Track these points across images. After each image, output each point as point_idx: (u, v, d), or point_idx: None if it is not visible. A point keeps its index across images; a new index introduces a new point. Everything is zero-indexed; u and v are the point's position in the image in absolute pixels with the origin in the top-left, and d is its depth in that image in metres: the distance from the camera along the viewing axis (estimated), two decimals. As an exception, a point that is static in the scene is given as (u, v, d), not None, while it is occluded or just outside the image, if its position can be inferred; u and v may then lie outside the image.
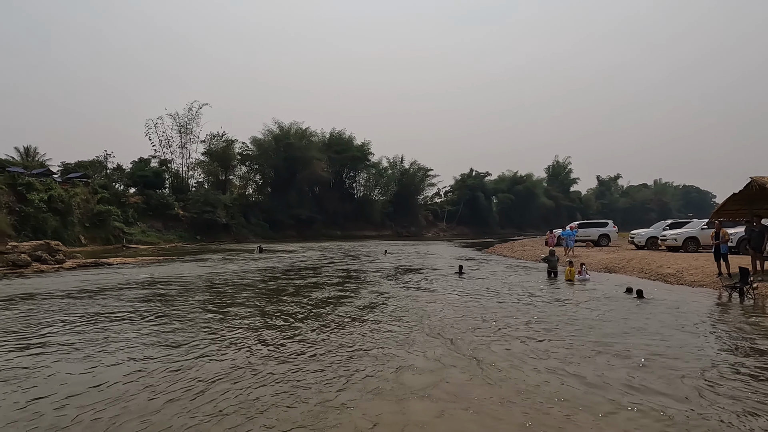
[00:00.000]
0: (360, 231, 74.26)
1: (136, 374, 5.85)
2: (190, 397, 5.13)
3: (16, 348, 7.19)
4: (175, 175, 63.95)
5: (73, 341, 7.55)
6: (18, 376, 5.82)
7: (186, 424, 4.48)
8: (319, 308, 10.76)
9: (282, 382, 5.62)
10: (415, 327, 8.64)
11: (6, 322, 9.15)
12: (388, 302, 11.57)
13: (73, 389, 5.33)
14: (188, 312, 10.26)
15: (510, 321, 9.09)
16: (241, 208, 63.25)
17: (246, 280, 16.44)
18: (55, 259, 21.87)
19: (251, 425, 4.43)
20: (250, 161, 72.16)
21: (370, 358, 6.67)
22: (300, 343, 7.54)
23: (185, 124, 64.29)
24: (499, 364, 6.25)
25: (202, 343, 7.54)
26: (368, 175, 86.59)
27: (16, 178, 37.59)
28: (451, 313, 10.00)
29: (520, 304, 11.00)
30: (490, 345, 7.30)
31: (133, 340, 7.69)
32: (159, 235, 49.42)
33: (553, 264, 16.35)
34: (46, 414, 4.63)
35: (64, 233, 37.52)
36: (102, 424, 4.40)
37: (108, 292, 13.22)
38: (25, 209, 35.69)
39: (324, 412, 4.70)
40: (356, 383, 5.57)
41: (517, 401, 4.95)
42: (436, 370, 6.05)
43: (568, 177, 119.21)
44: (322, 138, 78.78)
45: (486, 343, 7.45)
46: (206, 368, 6.21)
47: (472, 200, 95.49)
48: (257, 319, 9.46)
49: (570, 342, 7.48)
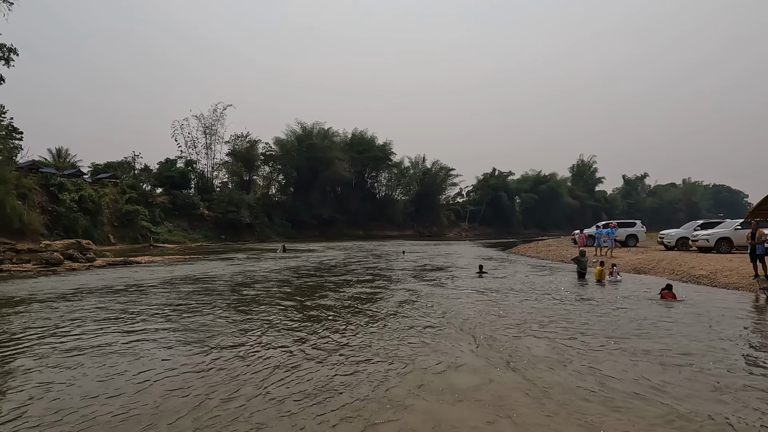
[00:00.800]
0: (382, 231, 74.25)
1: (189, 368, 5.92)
2: (256, 384, 5.21)
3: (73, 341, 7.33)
4: (200, 175, 65.00)
5: (135, 336, 7.67)
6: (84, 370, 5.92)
7: (251, 408, 4.65)
8: (354, 305, 10.94)
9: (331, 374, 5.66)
10: (446, 324, 8.56)
11: (59, 316, 9.36)
12: (418, 300, 11.62)
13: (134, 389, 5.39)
14: (239, 307, 10.52)
15: (544, 321, 8.83)
16: (264, 207, 63.94)
17: (281, 277, 16.81)
18: (86, 257, 22.37)
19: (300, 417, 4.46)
20: (273, 161, 72.91)
21: (407, 354, 6.60)
22: (339, 336, 7.68)
23: (210, 125, 65.62)
24: (540, 366, 6.03)
25: (257, 335, 7.89)
26: (390, 174, 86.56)
27: (49, 178, 38.67)
28: (482, 312, 9.82)
29: (550, 304, 10.70)
30: (530, 348, 7.07)
31: (189, 334, 7.86)
32: (185, 235, 50.28)
33: (582, 265, 15.94)
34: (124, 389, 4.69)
35: (94, 232, 38.46)
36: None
37: (146, 289, 13.43)
38: (57, 209, 36.70)
39: (372, 410, 4.68)
40: (400, 380, 5.49)
41: (560, 404, 4.78)
42: (479, 370, 5.90)
43: (593, 176, 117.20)
44: (344, 138, 79.22)
45: (525, 344, 7.22)
46: (259, 360, 6.50)
47: (494, 200, 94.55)
48: (296, 314, 9.68)
49: (608, 345, 7.19)
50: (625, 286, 13.91)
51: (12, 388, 5.43)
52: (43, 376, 5.79)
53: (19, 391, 5.28)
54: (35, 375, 5.82)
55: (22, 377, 5.80)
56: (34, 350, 7.04)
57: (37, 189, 36.30)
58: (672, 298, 11.20)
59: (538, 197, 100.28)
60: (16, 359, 6.63)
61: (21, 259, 20.73)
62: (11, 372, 6.06)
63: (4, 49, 31.45)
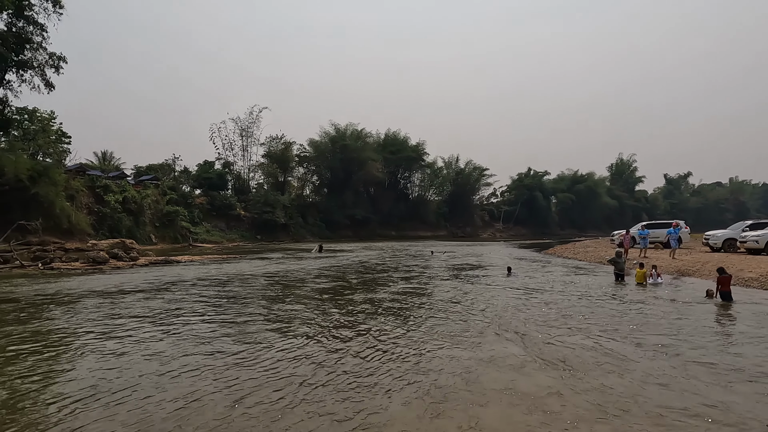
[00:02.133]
0: (414, 231, 74.09)
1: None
2: (308, 377, 5.27)
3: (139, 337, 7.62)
4: (236, 176, 66.45)
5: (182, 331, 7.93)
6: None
7: (302, 398, 4.71)
8: (405, 300, 11.15)
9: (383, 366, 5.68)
10: (487, 322, 8.47)
11: (134, 309, 9.77)
12: (463, 297, 11.75)
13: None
14: (298, 302, 10.74)
15: (582, 322, 8.53)
16: (298, 208, 64.82)
17: (331, 274, 17.27)
18: (130, 256, 23.19)
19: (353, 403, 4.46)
20: (307, 163, 73.76)
21: (451, 350, 6.53)
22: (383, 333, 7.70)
23: (246, 128, 66.91)
24: (585, 368, 5.83)
25: (327, 328, 8.27)
26: (423, 175, 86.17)
27: (95, 180, 40.30)
28: (523, 311, 9.67)
29: (587, 305, 10.38)
30: (575, 349, 6.84)
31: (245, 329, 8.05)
32: (222, 235, 51.48)
33: (620, 266, 15.39)
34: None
35: (137, 232, 39.85)
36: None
37: (193, 286, 13.83)
38: (103, 210, 38.21)
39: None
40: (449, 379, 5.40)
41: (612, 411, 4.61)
42: (517, 370, 5.75)
43: (632, 175, 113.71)
44: (377, 139, 79.40)
45: (569, 345, 6.99)
46: (315, 352, 6.82)
47: (529, 200, 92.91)
48: (352, 308, 9.99)
49: (653, 349, 6.89)
50: (666, 290, 13.40)
51: (69, 373, 5.71)
52: (100, 364, 6.04)
53: (75, 379, 5.52)
54: (92, 362, 6.09)
55: (80, 366, 6.07)
56: (91, 340, 7.34)
57: (84, 191, 37.87)
58: (726, 286, 10.90)
59: (575, 197, 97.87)
60: (72, 351, 6.92)
61: (70, 257, 21.68)
62: (70, 360, 6.35)
63: (54, 57, 33.05)
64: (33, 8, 31.35)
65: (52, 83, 33.26)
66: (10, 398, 5.05)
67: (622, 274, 15.29)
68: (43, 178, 31.14)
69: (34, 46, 31.99)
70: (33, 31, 31.82)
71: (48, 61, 32.76)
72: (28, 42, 31.65)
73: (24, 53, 31.63)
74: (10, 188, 29.25)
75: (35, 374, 5.85)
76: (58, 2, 32.01)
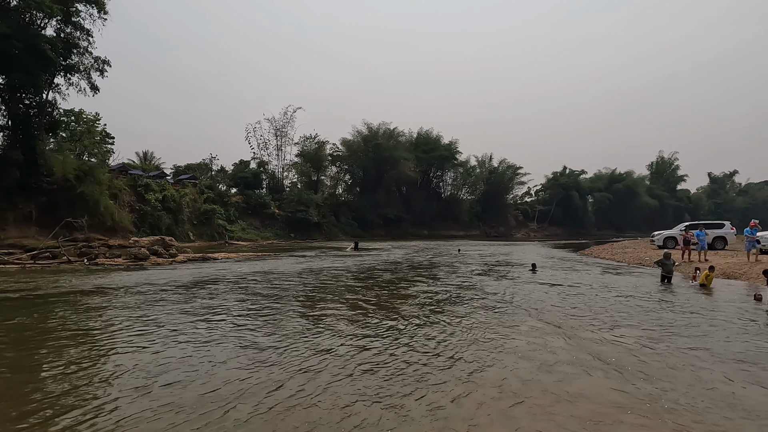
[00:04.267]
0: (447, 231, 73.54)
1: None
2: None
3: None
4: (271, 175, 67.55)
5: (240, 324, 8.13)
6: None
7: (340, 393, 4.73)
8: (458, 292, 10.93)
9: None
10: (529, 319, 8.27)
11: (157, 306, 10.09)
12: (505, 292, 11.72)
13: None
14: (345, 295, 10.86)
15: (623, 321, 8.19)
16: (331, 207, 65.37)
17: (369, 271, 17.38)
18: (169, 253, 23.87)
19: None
20: (340, 162, 74.32)
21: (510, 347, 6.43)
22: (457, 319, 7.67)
23: (281, 128, 68.04)
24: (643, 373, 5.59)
25: (372, 321, 8.22)
26: (456, 174, 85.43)
27: (137, 180, 41.68)
28: (570, 311, 9.42)
29: (632, 308, 9.96)
30: (633, 352, 6.58)
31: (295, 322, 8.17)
32: (257, 233, 52.41)
33: (668, 268, 14.79)
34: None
35: (176, 230, 41.01)
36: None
37: (242, 282, 14.12)
38: (144, 208, 39.50)
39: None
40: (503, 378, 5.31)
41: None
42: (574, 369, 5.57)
43: (674, 174, 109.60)
44: (409, 138, 79.14)
45: (624, 348, 6.72)
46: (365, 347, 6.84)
47: (565, 199, 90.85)
48: (392, 303, 9.92)
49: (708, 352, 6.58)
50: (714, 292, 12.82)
51: (113, 363, 5.90)
52: (145, 353, 6.23)
53: (117, 373, 5.69)
54: (135, 353, 6.27)
55: (123, 357, 6.27)
56: (136, 332, 7.58)
57: (126, 189, 39.22)
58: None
59: (612, 197, 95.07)
60: (116, 342, 7.16)
61: (113, 253, 22.50)
62: (115, 351, 6.57)
63: (99, 61, 34.33)
64: (80, 14, 32.66)
65: (97, 86, 34.54)
66: (68, 377, 5.26)
67: (670, 276, 14.70)
68: (88, 178, 32.38)
69: (81, 51, 33.29)
70: (80, 36, 33.12)
71: (93, 64, 34.01)
72: (75, 47, 32.93)
73: (71, 57, 32.94)
74: (58, 187, 30.56)
75: (103, 354, 6.08)
76: (103, 8, 33.23)
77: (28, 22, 30.75)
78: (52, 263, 20.21)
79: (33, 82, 29.90)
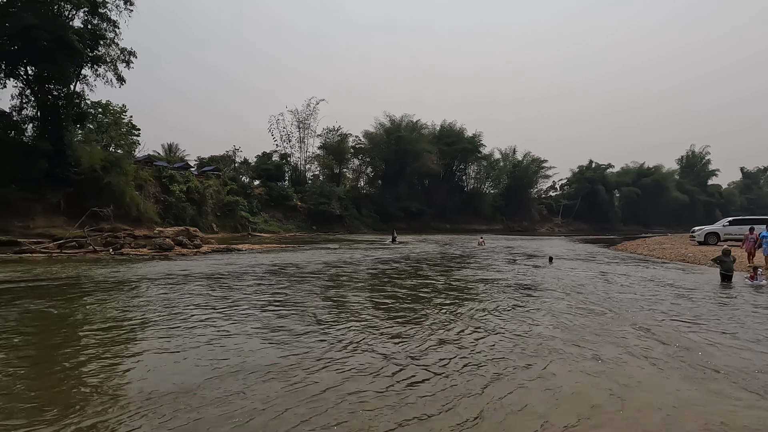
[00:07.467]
0: (469, 225, 72.50)
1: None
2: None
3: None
4: (293, 168, 67.67)
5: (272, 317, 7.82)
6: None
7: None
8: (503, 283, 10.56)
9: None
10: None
11: (202, 296, 9.85)
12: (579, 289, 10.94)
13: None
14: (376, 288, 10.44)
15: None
16: (353, 200, 65.19)
17: (401, 263, 16.79)
18: (194, 243, 23.81)
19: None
20: (362, 154, 74.02)
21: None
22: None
23: (303, 120, 68.03)
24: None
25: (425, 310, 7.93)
26: (479, 167, 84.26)
27: (162, 171, 42.07)
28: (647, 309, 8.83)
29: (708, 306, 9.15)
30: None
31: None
32: (279, 225, 52.52)
33: (727, 266, 13.78)
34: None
35: (200, 221, 41.26)
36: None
37: (271, 274, 13.84)
38: (168, 199, 39.84)
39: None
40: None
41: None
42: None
43: (705, 169, 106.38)
44: (432, 130, 78.26)
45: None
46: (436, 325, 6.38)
47: (591, 194, 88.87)
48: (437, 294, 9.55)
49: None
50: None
51: (137, 354, 5.60)
52: (170, 343, 5.92)
53: (142, 362, 5.39)
54: (162, 343, 5.98)
55: (150, 349, 5.98)
56: (163, 321, 7.32)
57: (151, 181, 39.60)
58: None
59: (640, 191, 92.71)
60: (143, 332, 6.90)
61: (138, 244, 22.55)
62: (138, 342, 6.30)
63: (125, 52, 34.53)
64: (107, 5, 32.86)
65: (123, 77, 34.79)
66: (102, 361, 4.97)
67: (730, 275, 13.74)
68: (114, 168, 32.76)
69: (107, 42, 33.52)
70: (106, 28, 33.36)
71: (120, 56, 34.26)
72: (102, 38, 33.18)
73: (98, 49, 33.21)
74: (85, 178, 30.95)
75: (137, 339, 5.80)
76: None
77: (56, 13, 31.04)
78: (78, 252, 20.31)
79: (61, 73, 30.22)
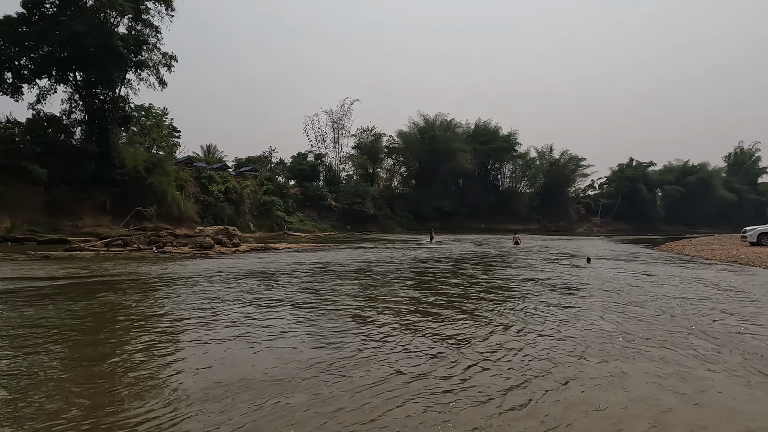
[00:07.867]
0: (504, 224, 71.22)
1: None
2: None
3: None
4: (328, 168, 68.30)
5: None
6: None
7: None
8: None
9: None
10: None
11: (260, 290, 9.99)
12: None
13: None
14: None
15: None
16: (387, 199, 65.28)
17: (439, 262, 16.67)
18: (233, 242, 24.24)
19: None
20: (396, 154, 73.95)
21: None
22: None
23: (338, 120, 68.50)
24: None
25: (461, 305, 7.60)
26: (515, 166, 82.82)
27: (201, 172, 43.16)
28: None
29: None
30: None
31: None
32: (314, 224, 53.10)
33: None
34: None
35: (237, 220, 42.08)
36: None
37: (319, 272, 13.83)
38: (207, 199, 40.83)
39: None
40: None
41: None
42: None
43: (755, 166, 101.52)
44: (466, 129, 77.44)
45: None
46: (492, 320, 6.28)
47: (631, 193, 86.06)
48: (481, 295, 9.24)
49: None
50: None
51: (179, 352, 5.66)
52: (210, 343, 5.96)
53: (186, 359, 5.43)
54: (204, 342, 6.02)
55: (192, 346, 6.03)
56: (209, 319, 7.40)
57: (191, 181, 40.67)
58: None
59: (684, 190, 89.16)
60: (185, 332, 6.98)
61: (179, 242, 23.09)
62: (182, 338, 6.37)
63: (167, 56, 35.62)
64: (149, 12, 33.98)
65: (165, 81, 35.88)
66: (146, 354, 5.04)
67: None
68: (157, 169, 33.81)
69: (150, 47, 34.66)
70: (149, 33, 34.49)
71: (161, 60, 35.39)
72: (145, 43, 34.34)
73: (141, 54, 34.38)
74: (129, 178, 32.08)
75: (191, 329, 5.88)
76: (170, 5, 34.42)
77: (102, 20, 32.26)
78: (123, 250, 20.97)
79: (107, 77, 31.44)
